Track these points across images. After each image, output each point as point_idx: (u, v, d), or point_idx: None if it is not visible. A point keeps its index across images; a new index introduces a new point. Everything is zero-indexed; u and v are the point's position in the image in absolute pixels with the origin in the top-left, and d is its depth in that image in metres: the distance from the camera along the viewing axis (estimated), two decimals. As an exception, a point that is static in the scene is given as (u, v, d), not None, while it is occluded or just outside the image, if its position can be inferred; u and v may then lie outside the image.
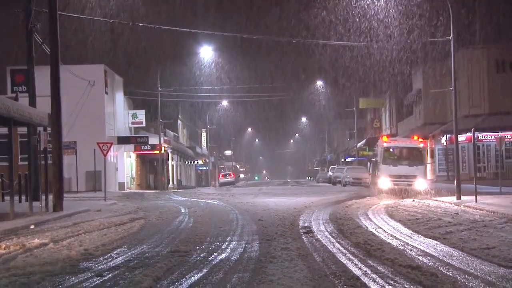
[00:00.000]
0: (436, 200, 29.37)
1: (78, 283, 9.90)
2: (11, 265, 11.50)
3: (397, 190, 34.90)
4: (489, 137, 49.51)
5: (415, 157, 36.30)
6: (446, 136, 53.22)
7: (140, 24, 36.85)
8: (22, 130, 32.49)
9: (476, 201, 25.86)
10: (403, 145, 37.45)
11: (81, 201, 33.61)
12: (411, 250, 12.86)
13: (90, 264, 11.63)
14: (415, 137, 39.49)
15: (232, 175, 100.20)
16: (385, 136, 40.33)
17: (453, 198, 28.89)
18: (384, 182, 36.01)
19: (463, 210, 23.37)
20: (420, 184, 35.26)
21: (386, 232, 16.31)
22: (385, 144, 37.52)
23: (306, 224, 18.41)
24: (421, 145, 37.09)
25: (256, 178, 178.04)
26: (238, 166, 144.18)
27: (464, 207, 24.69)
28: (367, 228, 17.28)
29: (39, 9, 30.10)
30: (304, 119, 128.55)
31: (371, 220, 19.62)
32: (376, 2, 39.61)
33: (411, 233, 15.91)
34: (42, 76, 29.09)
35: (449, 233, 15.58)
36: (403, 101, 69.61)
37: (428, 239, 14.55)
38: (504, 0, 50.54)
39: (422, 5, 42.12)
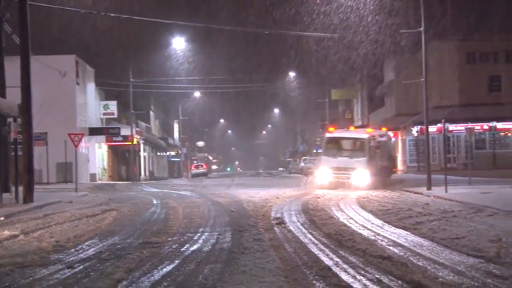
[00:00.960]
0: (407, 191, 29.64)
1: (48, 275, 9.83)
2: (-19, 257, 11.39)
3: (334, 184, 33.21)
4: (459, 128, 50.07)
5: (357, 148, 34.19)
6: (417, 127, 53.64)
7: (112, 14, 36.50)
8: (-8, 121, 32.11)
9: (446, 192, 26.15)
10: (345, 136, 35.68)
11: (52, 192, 33.33)
12: (382, 240, 12.96)
13: (61, 256, 11.55)
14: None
15: (205, 166, 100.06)
16: (332, 127, 38.48)
17: (424, 189, 29.17)
18: (323, 174, 34.07)
19: (433, 201, 23.62)
20: (359, 177, 32.80)
21: (357, 222, 16.42)
22: (327, 135, 35.91)
23: (278, 215, 18.45)
24: (365, 136, 34.85)
25: (229, 169, 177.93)
26: (210, 157, 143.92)
27: (434, 198, 24.96)
28: (339, 218, 17.38)
29: (8, -2, 29.69)
30: (276, 110, 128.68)
31: (342, 211, 19.73)
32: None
33: (382, 224, 16.03)
34: (12, 67, 28.73)
35: (419, 223, 15.74)
36: (375, 92, 69.93)
37: (399, 229, 14.67)
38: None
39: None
